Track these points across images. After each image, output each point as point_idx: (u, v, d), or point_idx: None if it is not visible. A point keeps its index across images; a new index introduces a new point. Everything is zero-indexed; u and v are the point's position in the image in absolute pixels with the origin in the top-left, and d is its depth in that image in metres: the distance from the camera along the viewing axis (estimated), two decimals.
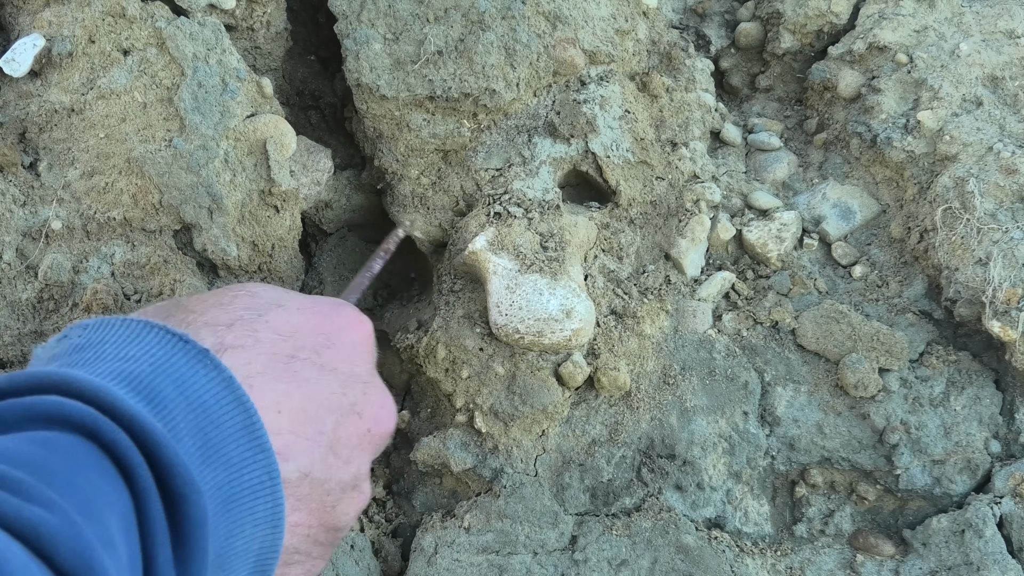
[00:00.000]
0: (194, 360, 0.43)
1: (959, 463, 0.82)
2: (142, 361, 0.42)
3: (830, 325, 0.84)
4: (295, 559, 0.50)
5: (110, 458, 0.37)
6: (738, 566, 0.78)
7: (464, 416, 0.79)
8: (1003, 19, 0.93)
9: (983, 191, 0.83)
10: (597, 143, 0.84)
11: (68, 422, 0.37)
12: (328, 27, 0.84)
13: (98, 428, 0.37)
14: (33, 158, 0.76)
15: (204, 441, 0.41)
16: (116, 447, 0.36)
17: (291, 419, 0.48)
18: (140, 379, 0.41)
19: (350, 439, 0.52)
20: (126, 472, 0.37)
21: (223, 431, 0.42)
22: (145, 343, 0.43)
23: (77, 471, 0.35)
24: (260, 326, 0.51)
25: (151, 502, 0.36)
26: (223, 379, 0.43)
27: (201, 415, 0.42)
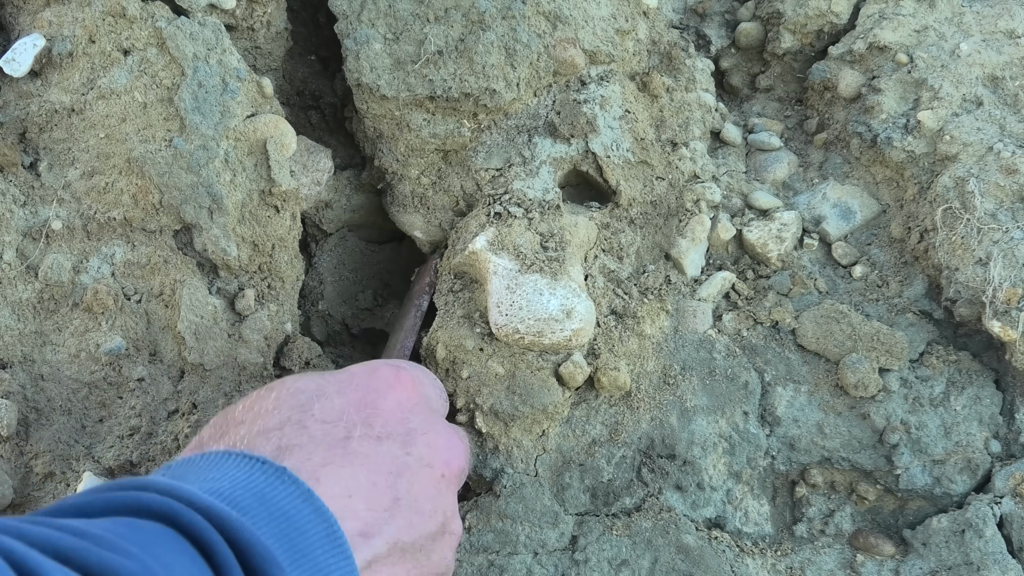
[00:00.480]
0: (272, 477, 0.45)
1: (959, 463, 0.82)
2: (222, 480, 0.44)
3: (830, 325, 0.84)
4: None
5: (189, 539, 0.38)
6: (738, 566, 0.78)
7: (464, 416, 0.79)
8: (1003, 19, 0.93)
9: (983, 191, 0.83)
10: (597, 143, 0.84)
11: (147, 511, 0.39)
12: (328, 27, 0.84)
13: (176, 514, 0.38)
14: (33, 158, 0.76)
15: (290, 545, 0.43)
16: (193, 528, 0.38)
17: (364, 498, 0.49)
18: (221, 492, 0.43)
19: (427, 491, 0.53)
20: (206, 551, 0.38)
21: (308, 538, 0.44)
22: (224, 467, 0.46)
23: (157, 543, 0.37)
24: (308, 421, 0.52)
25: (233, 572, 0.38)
26: (301, 492, 0.45)
27: (285, 523, 0.43)
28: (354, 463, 0.50)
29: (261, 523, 0.42)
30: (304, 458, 0.49)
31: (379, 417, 0.54)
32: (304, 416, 0.52)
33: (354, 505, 0.48)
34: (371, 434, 0.52)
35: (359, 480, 0.50)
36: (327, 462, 0.49)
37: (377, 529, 0.49)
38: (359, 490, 0.49)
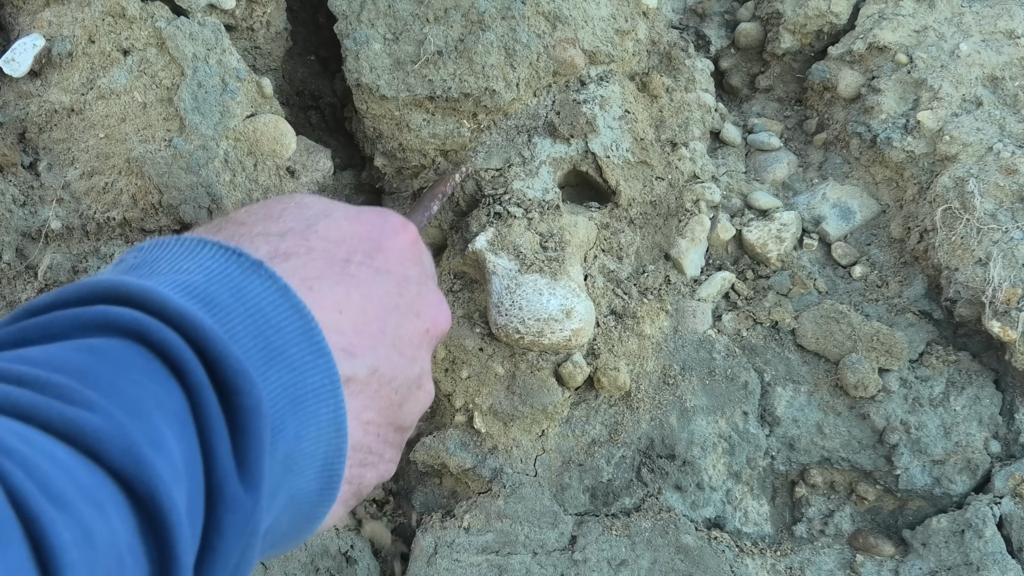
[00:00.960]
0: (248, 271, 0.43)
1: (959, 463, 0.82)
2: (196, 273, 0.42)
3: (830, 325, 0.84)
4: (370, 460, 0.50)
5: (160, 358, 0.36)
6: (738, 566, 0.78)
7: (464, 416, 0.79)
8: (1003, 19, 0.93)
9: (983, 191, 0.83)
10: (597, 143, 0.84)
11: (115, 327, 0.36)
12: (328, 27, 0.84)
13: (146, 330, 0.36)
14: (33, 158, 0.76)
15: (265, 343, 0.41)
16: (165, 346, 0.36)
17: (353, 319, 0.48)
18: (195, 287, 0.41)
19: (411, 337, 0.52)
20: (178, 370, 0.36)
21: (283, 335, 0.42)
22: (199, 257, 0.44)
23: (122, 374, 0.35)
24: (311, 235, 0.51)
25: (205, 396, 0.36)
26: (278, 287, 0.43)
27: (260, 320, 0.42)
28: (348, 284, 0.50)
29: (236, 320, 0.41)
30: (299, 265, 0.48)
31: (381, 253, 0.53)
32: (307, 230, 0.51)
33: (342, 321, 0.47)
34: (370, 264, 0.52)
35: (351, 300, 0.49)
36: (322, 275, 0.48)
37: (361, 351, 0.48)
38: (349, 309, 0.48)
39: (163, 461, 0.33)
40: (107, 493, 0.31)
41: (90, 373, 0.34)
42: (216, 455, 0.36)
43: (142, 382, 0.35)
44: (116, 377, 0.35)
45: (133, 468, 0.32)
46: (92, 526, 0.30)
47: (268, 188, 0.78)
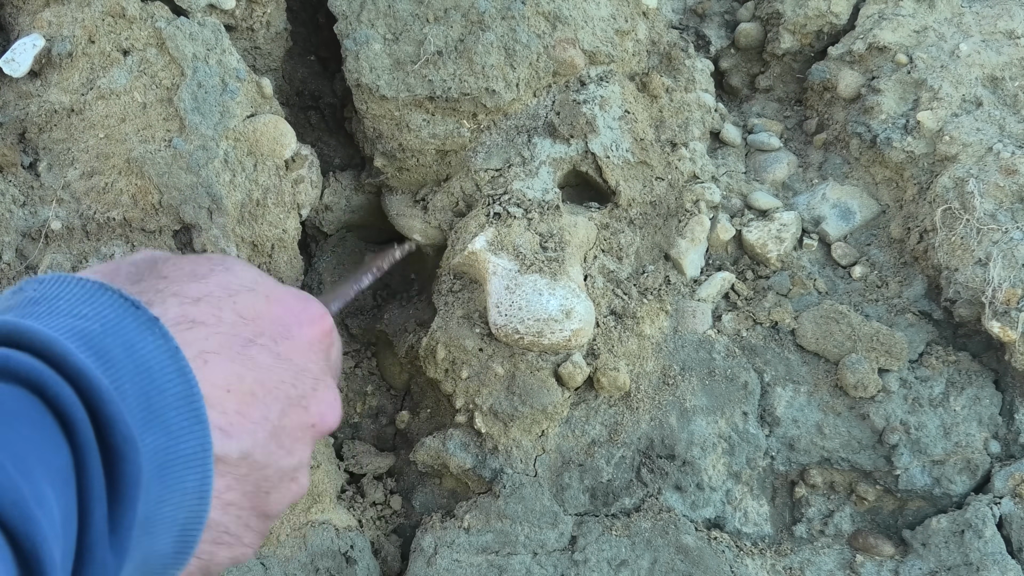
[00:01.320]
0: (143, 327, 0.44)
1: (959, 463, 0.82)
2: (93, 320, 0.43)
3: (830, 325, 0.84)
4: (225, 539, 0.51)
5: (52, 413, 0.37)
6: (738, 566, 0.78)
7: (464, 416, 0.79)
8: (1003, 19, 0.93)
9: (983, 191, 0.83)
10: (597, 143, 0.84)
11: (13, 374, 0.37)
12: (328, 27, 0.84)
13: (43, 382, 0.37)
14: (33, 158, 0.76)
15: (147, 404, 0.42)
16: (59, 402, 0.37)
17: (239, 400, 0.49)
18: (90, 336, 0.42)
19: (294, 430, 0.52)
20: (68, 427, 0.37)
21: (165, 397, 0.43)
22: (98, 304, 0.44)
23: (14, 426, 0.35)
24: (226, 306, 0.51)
25: (90, 458, 0.37)
26: (169, 348, 0.44)
27: (146, 379, 0.42)
28: (244, 365, 0.50)
29: (124, 377, 0.41)
30: (203, 336, 0.48)
31: (288, 341, 0.53)
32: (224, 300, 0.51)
33: (228, 401, 0.48)
34: (273, 350, 0.52)
35: (243, 382, 0.49)
36: (221, 351, 0.49)
37: (237, 434, 0.48)
38: (239, 391, 0.49)
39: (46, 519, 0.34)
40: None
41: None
42: (92, 518, 0.37)
43: (32, 437, 0.36)
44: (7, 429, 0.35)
45: (21, 523, 0.33)
46: None
47: (268, 188, 0.78)
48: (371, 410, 0.88)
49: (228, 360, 0.49)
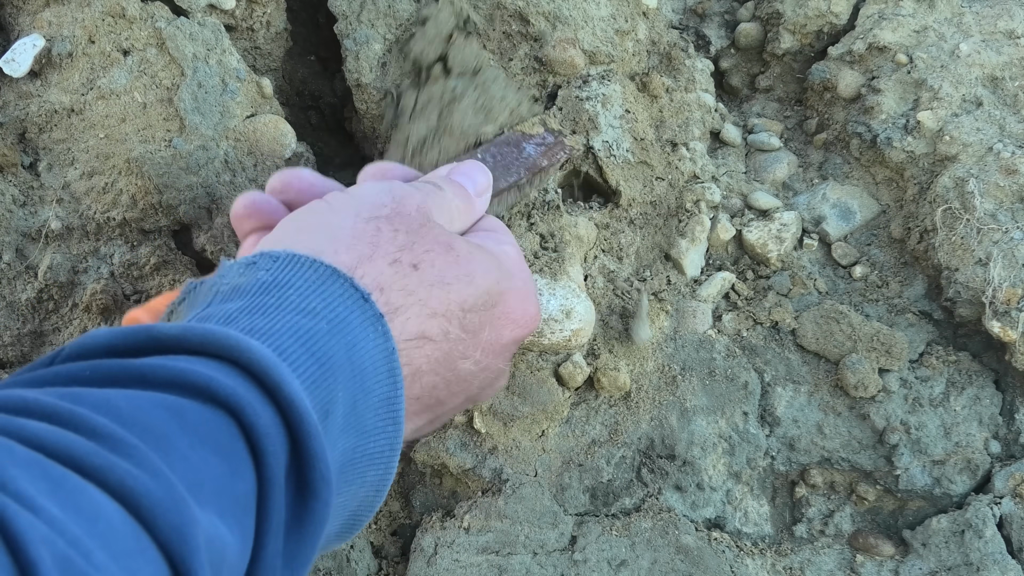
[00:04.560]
0: (367, 322, 0.43)
1: (959, 463, 0.82)
2: (321, 318, 0.42)
3: (830, 325, 0.84)
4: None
5: (245, 438, 0.36)
6: (738, 566, 0.78)
7: (463, 416, 0.79)
8: (1003, 19, 0.93)
9: (983, 191, 0.83)
10: (598, 142, 0.84)
11: (213, 395, 0.36)
12: (328, 27, 0.84)
13: (241, 410, 0.36)
14: (33, 158, 0.76)
15: (352, 408, 0.41)
16: (255, 432, 0.36)
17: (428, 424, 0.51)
18: (315, 339, 0.41)
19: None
20: (258, 457, 0.36)
21: (369, 399, 0.42)
22: (328, 295, 0.43)
23: (198, 449, 0.34)
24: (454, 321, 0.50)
25: (274, 492, 0.36)
26: (386, 349, 0.43)
27: (358, 383, 0.42)
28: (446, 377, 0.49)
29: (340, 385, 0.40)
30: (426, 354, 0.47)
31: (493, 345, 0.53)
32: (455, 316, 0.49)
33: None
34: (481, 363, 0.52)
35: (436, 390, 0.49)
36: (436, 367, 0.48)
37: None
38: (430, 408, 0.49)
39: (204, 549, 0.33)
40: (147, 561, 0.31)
41: (165, 437, 0.34)
42: (264, 551, 0.36)
43: (213, 463, 0.35)
44: (190, 450, 0.34)
45: (179, 546, 0.32)
46: None
47: None
48: None
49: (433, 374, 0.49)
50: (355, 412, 0.41)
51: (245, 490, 0.35)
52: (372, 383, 0.42)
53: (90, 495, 0.30)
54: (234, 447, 0.36)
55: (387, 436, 0.43)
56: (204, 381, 0.36)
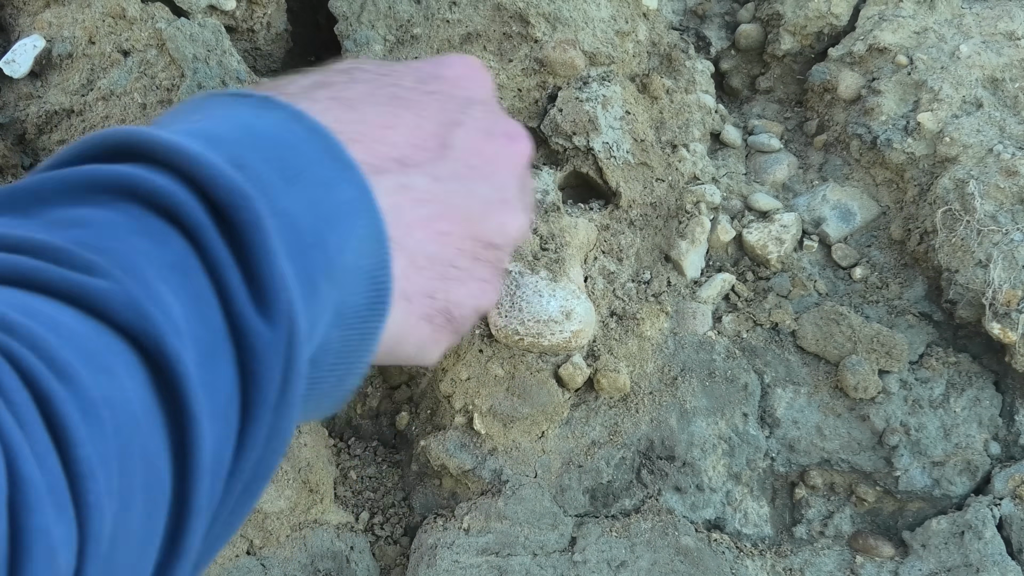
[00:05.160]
0: (256, 106, 0.42)
1: (959, 465, 0.82)
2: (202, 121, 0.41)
3: (830, 327, 0.84)
4: (454, 274, 0.48)
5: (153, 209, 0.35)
6: (738, 567, 0.78)
7: (463, 417, 0.79)
8: (1003, 21, 0.93)
9: (983, 193, 0.83)
10: (598, 143, 0.84)
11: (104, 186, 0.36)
12: (328, 28, 0.84)
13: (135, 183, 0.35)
14: (32, 160, 0.76)
15: (283, 165, 0.40)
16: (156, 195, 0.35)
17: (406, 133, 0.46)
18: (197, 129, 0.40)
19: (484, 154, 0.49)
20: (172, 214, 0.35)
21: (302, 155, 0.40)
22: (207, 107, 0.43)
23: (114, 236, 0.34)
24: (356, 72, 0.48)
25: (206, 233, 0.35)
26: (290, 113, 0.42)
27: (274, 144, 0.40)
28: (397, 105, 0.46)
29: (246, 150, 0.39)
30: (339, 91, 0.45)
31: (436, 80, 0.49)
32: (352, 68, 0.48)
33: (393, 137, 0.45)
34: (423, 88, 0.48)
35: (403, 118, 0.45)
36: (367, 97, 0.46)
37: (418, 161, 0.45)
38: (401, 127, 0.45)
39: (163, 316, 0.32)
40: (116, 353, 0.31)
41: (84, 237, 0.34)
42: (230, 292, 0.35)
43: (132, 241, 0.34)
44: (109, 240, 0.34)
45: (139, 323, 0.32)
46: (101, 395, 0.30)
47: None
48: (371, 410, 0.88)
49: (376, 104, 0.46)
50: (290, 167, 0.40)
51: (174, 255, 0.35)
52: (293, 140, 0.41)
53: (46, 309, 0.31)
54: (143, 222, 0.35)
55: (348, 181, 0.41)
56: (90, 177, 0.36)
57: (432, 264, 0.46)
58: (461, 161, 0.47)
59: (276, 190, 0.38)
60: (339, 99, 0.45)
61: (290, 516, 0.78)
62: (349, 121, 0.44)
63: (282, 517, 0.77)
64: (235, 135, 0.40)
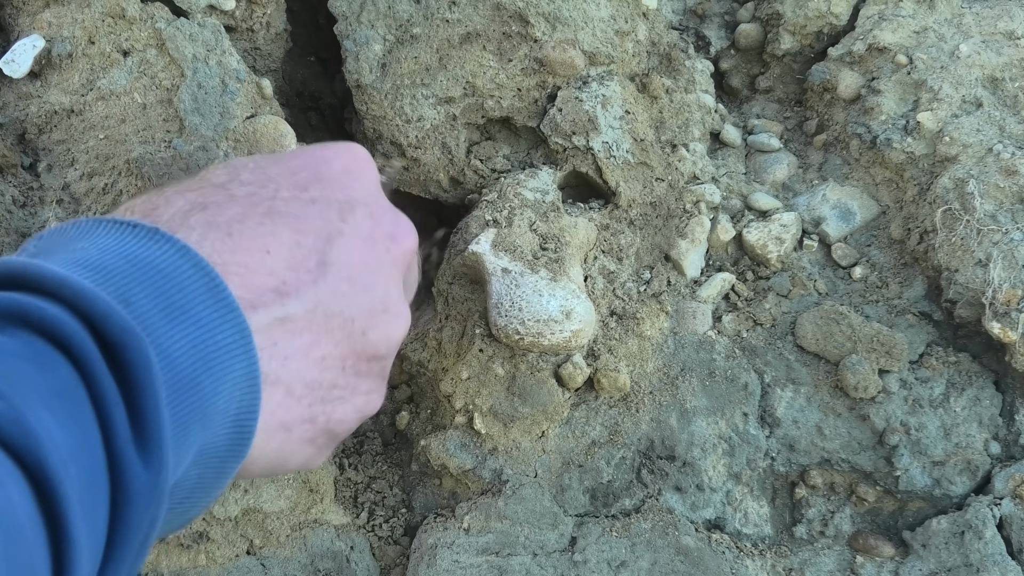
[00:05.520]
0: (144, 238, 0.41)
1: (959, 464, 0.82)
2: (90, 249, 0.41)
3: (830, 326, 0.84)
4: (335, 395, 0.48)
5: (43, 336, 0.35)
6: (738, 567, 0.78)
7: (464, 417, 0.79)
8: (1003, 20, 0.93)
9: (983, 192, 0.83)
10: (598, 142, 0.84)
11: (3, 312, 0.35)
12: (328, 28, 0.84)
13: (23, 310, 0.35)
14: (32, 159, 0.76)
15: (167, 303, 0.40)
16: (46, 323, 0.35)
17: (285, 255, 0.46)
18: (86, 261, 0.40)
19: (365, 263, 0.49)
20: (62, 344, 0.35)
21: (187, 294, 0.40)
22: (94, 235, 0.42)
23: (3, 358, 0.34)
24: (234, 185, 0.48)
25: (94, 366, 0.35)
26: (177, 248, 0.41)
27: (160, 280, 0.40)
28: (276, 222, 0.46)
29: (131, 285, 0.39)
30: (215, 214, 0.45)
31: (317, 183, 0.49)
32: (229, 181, 0.48)
33: (272, 262, 0.45)
34: (303, 197, 0.48)
35: (281, 238, 0.45)
36: (244, 218, 0.45)
37: (296, 289, 0.45)
38: (279, 247, 0.45)
39: (47, 439, 0.33)
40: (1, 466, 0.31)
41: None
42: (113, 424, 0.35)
43: (20, 367, 0.34)
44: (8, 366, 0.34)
45: (23, 441, 0.32)
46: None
47: None
48: None
49: (255, 223, 0.46)
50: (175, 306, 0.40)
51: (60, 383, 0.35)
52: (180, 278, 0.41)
53: None
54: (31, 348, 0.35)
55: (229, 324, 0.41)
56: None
57: (311, 391, 0.47)
58: (341, 276, 0.48)
59: (159, 330, 0.39)
60: (215, 225, 0.45)
61: (290, 516, 0.78)
62: (227, 251, 0.44)
63: (282, 517, 0.77)
64: (121, 268, 0.40)
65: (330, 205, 0.49)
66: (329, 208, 0.49)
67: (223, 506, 0.74)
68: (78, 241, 0.42)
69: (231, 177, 0.49)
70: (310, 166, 0.51)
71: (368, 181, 0.53)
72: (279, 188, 0.48)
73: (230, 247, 0.44)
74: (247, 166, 0.50)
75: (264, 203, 0.47)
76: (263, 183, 0.48)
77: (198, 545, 0.74)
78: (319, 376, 0.47)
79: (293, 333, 0.45)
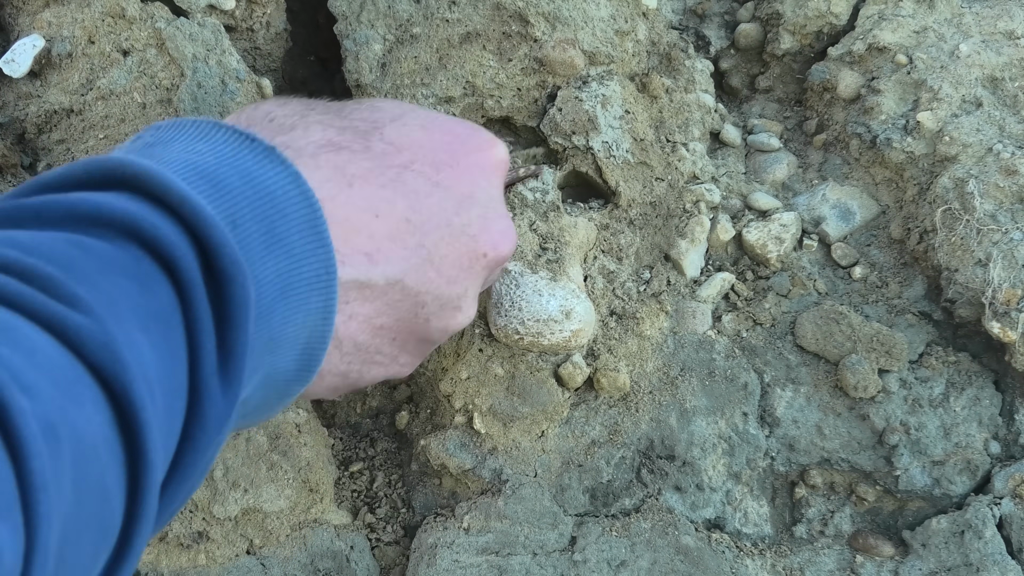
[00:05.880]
0: (261, 156, 0.42)
1: (959, 464, 0.82)
2: (208, 155, 0.41)
3: (830, 326, 0.84)
4: (375, 359, 0.50)
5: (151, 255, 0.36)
6: (738, 567, 0.78)
7: (463, 417, 0.79)
8: (1003, 20, 0.93)
9: (983, 192, 0.83)
10: (598, 142, 0.84)
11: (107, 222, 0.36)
12: (328, 28, 0.84)
13: (139, 227, 0.36)
14: (32, 159, 0.76)
15: (268, 228, 0.41)
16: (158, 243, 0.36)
17: (390, 226, 0.46)
18: (204, 169, 0.40)
19: (459, 259, 0.50)
20: (169, 266, 0.36)
21: (288, 221, 0.41)
22: (213, 140, 0.43)
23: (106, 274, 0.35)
24: (374, 137, 0.49)
25: (195, 293, 0.36)
26: (289, 173, 0.42)
27: (268, 204, 0.41)
28: (397, 191, 0.47)
29: (241, 204, 0.40)
30: (347, 161, 0.46)
31: (451, 169, 0.50)
32: (372, 130, 0.48)
33: (376, 225, 0.45)
34: (432, 178, 0.48)
35: (395, 208, 0.46)
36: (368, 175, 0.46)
37: (385, 260, 0.46)
38: (388, 217, 0.46)
39: (135, 362, 0.33)
40: (85, 386, 0.32)
41: (76, 268, 0.34)
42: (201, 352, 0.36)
43: (123, 284, 0.35)
44: (99, 276, 0.35)
45: (111, 365, 0.33)
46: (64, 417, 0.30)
47: None
48: (371, 410, 0.88)
49: (378, 185, 0.46)
50: (275, 233, 0.41)
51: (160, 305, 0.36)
52: (285, 205, 0.41)
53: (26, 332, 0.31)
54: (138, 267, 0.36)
55: (318, 259, 0.42)
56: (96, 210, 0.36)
57: (358, 351, 0.48)
58: (433, 264, 0.49)
59: (256, 257, 0.40)
60: (342, 172, 0.45)
61: (290, 515, 0.78)
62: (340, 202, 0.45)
63: (282, 516, 0.77)
64: (235, 185, 0.41)
65: (451, 195, 0.50)
66: (449, 197, 0.49)
67: (223, 506, 0.74)
68: (197, 143, 0.43)
69: (375, 127, 0.49)
70: (452, 147, 0.51)
71: (494, 184, 0.54)
72: (414, 159, 0.49)
73: (345, 198, 0.44)
74: (395, 120, 0.50)
75: (394, 169, 0.48)
76: (402, 147, 0.49)
77: (198, 545, 0.74)
78: (369, 341, 0.48)
79: (366, 299, 0.46)
